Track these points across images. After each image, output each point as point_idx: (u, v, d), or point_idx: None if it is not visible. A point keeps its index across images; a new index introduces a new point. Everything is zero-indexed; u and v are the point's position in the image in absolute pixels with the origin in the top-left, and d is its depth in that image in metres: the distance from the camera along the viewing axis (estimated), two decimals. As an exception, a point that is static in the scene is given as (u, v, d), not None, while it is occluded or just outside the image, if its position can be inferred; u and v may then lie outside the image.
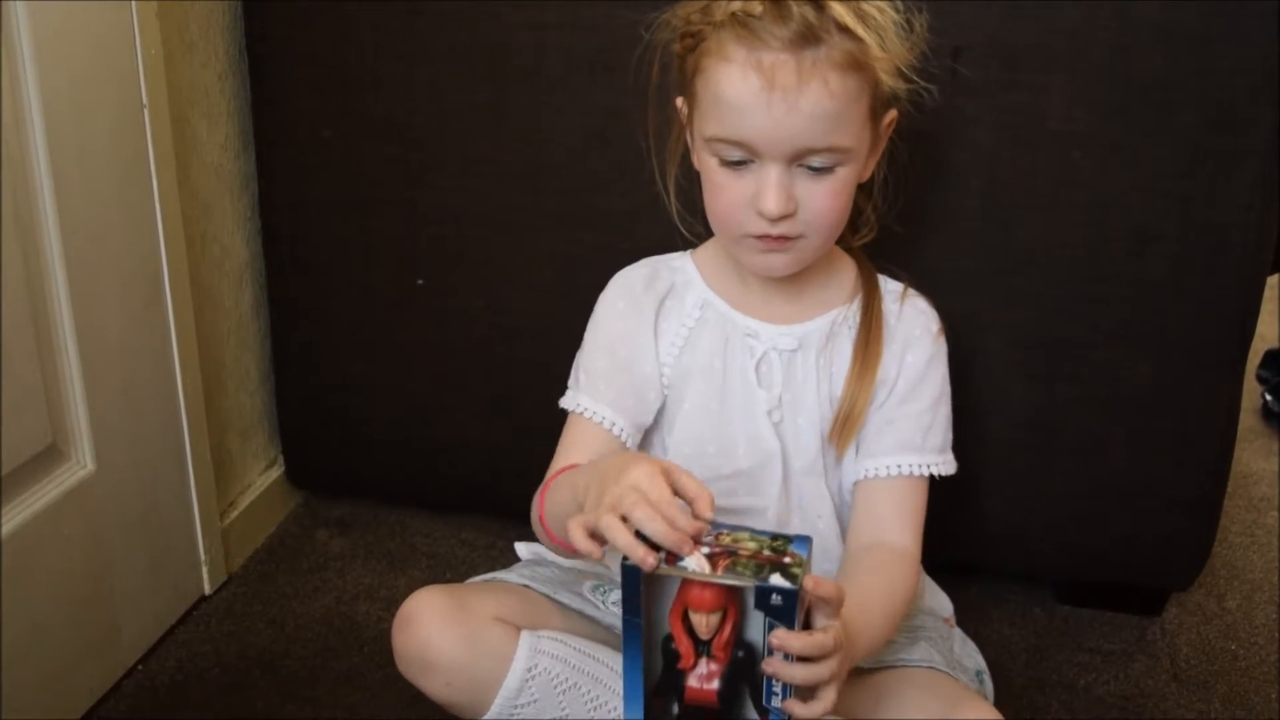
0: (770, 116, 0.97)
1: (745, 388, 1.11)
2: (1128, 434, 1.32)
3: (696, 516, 0.87)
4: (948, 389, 1.14)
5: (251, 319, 1.54)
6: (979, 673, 1.16)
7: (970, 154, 1.24)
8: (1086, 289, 1.27)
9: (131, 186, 1.25)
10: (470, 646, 1.04)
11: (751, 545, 0.87)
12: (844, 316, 1.13)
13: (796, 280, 1.10)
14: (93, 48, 1.17)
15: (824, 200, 1.01)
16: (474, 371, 1.47)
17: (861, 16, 0.97)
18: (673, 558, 0.85)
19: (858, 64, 0.97)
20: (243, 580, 1.49)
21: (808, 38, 0.95)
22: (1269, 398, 2.01)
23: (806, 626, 0.86)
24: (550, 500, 1.04)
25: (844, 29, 0.96)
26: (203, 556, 1.43)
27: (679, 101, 1.09)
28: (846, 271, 1.16)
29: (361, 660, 1.34)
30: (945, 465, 1.13)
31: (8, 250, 1.09)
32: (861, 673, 1.07)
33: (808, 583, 0.84)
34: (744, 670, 0.88)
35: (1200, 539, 1.37)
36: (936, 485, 1.14)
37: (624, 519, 0.84)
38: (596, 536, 0.86)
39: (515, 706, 1.05)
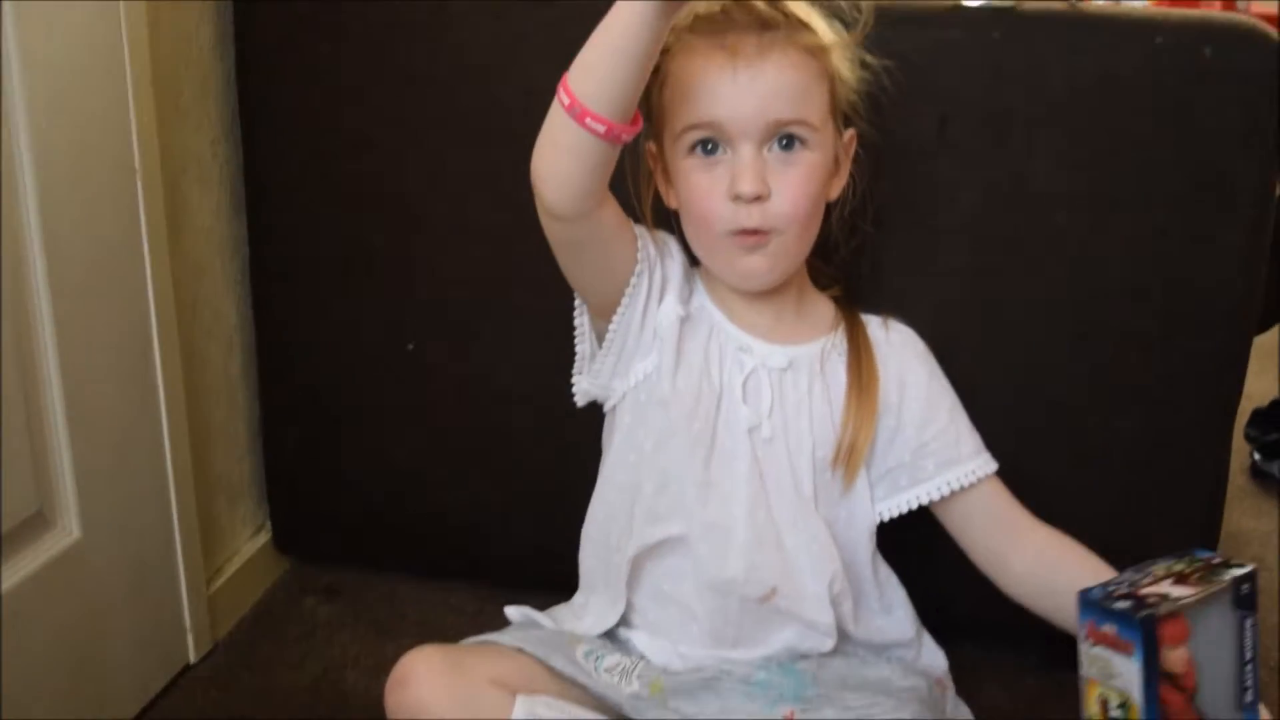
0: (736, 86, 1.03)
1: (730, 401, 1.12)
2: (1116, 491, 1.32)
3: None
4: (954, 393, 1.19)
5: (240, 383, 1.54)
6: (973, 735, 1.15)
7: (956, 216, 1.26)
8: (1072, 347, 1.28)
9: (123, 251, 1.25)
10: (466, 709, 1.03)
11: (1178, 568, 0.95)
12: (832, 344, 1.15)
13: (780, 303, 1.14)
14: (86, 114, 1.18)
15: (794, 188, 1.06)
16: (464, 438, 1.47)
17: (812, 13, 1.09)
18: (1160, 602, 0.90)
19: (815, 49, 1.07)
20: (229, 648, 1.47)
21: (766, 23, 1.05)
22: (1258, 456, 2.01)
23: None
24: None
25: (800, 22, 1.07)
26: (188, 624, 1.41)
27: (649, 146, 1.12)
28: (823, 307, 1.19)
29: (350, 729, 1.33)
30: (989, 464, 1.17)
31: (-2, 315, 1.09)
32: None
33: None
34: (1208, 687, 0.93)
35: (1193, 599, 1.37)
36: (923, 541, 1.15)
37: None
38: None
39: (510, 772, 1.04)
